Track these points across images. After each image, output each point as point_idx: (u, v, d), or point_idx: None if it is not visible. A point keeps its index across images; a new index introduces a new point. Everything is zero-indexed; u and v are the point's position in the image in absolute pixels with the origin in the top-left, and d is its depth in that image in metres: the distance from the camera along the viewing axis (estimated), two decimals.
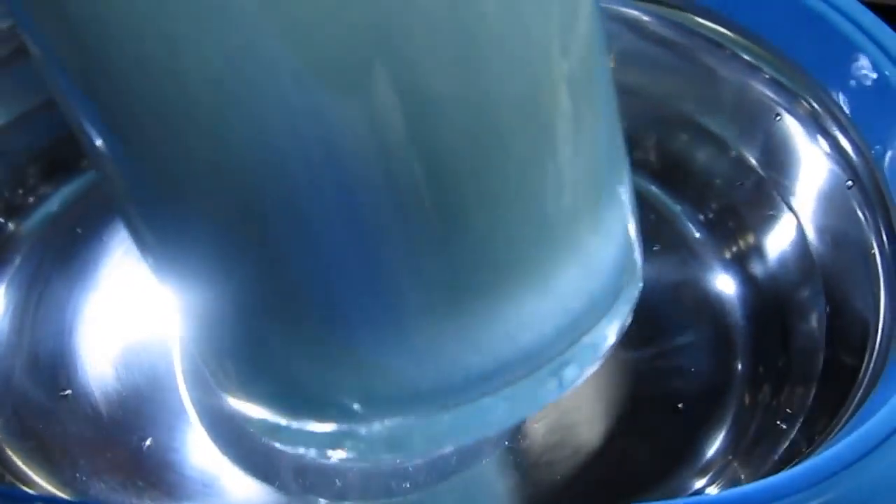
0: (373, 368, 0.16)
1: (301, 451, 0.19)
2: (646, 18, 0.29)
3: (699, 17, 0.28)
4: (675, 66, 0.29)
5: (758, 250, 0.29)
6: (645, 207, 0.31)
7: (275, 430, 0.19)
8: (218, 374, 0.20)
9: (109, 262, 0.31)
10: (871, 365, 0.22)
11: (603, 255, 0.18)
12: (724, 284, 0.29)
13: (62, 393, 0.28)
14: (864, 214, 0.24)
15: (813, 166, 0.27)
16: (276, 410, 0.19)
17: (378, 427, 0.17)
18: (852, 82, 0.25)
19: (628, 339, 0.28)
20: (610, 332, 0.19)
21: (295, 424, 0.18)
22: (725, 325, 0.28)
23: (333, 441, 0.18)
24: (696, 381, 0.27)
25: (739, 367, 0.27)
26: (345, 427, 0.18)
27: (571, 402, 0.27)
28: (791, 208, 0.28)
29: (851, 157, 0.25)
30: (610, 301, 0.19)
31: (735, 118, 0.29)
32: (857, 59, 0.24)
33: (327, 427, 0.18)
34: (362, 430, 0.17)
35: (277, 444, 0.20)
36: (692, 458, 0.25)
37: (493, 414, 0.17)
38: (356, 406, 0.17)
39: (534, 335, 0.17)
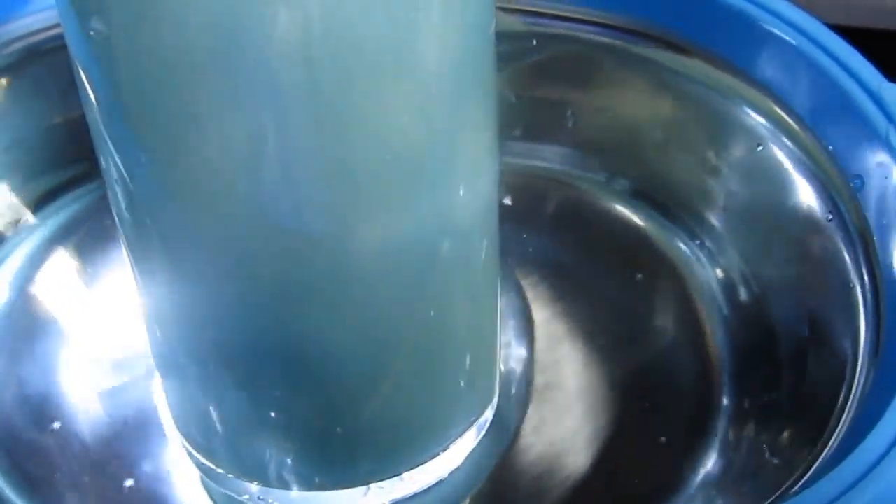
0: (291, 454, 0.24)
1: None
2: (637, 52, 0.29)
3: (683, 52, 0.28)
4: (664, 96, 0.30)
5: (743, 280, 0.29)
6: (628, 234, 0.32)
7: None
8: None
9: (100, 293, 0.31)
10: (852, 397, 0.22)
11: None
12: (709, 313, 0.30)
13: (51, 426, 0.28)
14: (844, 247, 0.24)
15: (794, 197, 0.27)
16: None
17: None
18: (831, 115, 0.25)
19: (611, 370, 0.29)
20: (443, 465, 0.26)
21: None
22: (709, 355, 0.29)
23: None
24: (680, 414, 0.28)
25: (724, 399, 0.27)
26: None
27: (553, 435, 0.27)
28: (774, 238, 0.28)
29: (831, 190, 0.25)
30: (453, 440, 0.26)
31: (719, 147, 0.29)
32: (836, 93, 0.25)
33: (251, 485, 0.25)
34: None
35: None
36: (677, 493, 0.25)
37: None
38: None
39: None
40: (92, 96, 0.19)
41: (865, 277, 0.23)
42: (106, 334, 0.30)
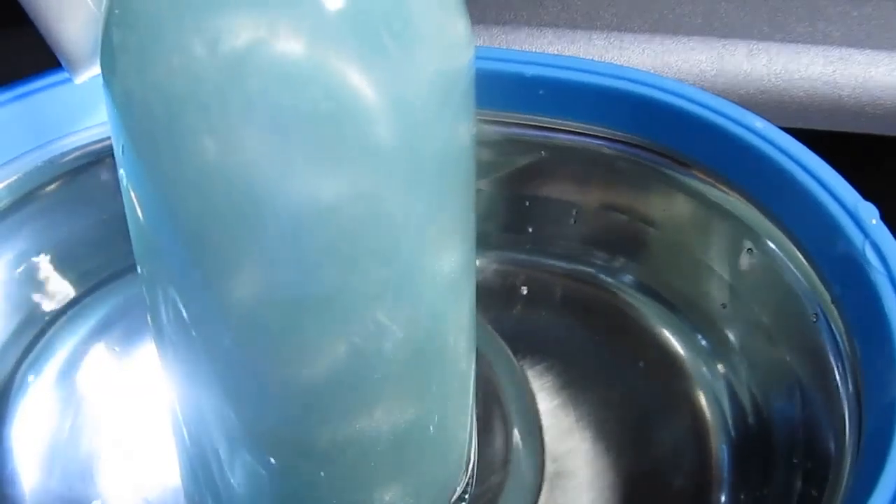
0: None
1: None
2: (638, 161, 0.31)
3: (682, 164, 0.31)
4: (665, 200, 0.32)
5: (740, 373, 0.31)
6: (632, 326, 0.34)
7: None
8: None
9: (138, 382, 0.34)
10: (839, 494, 0.24)
11: None
12: (706, 407, 0.31)
13: None
14: (830, 350, 0.26)
15: (781, 298, 0.29)
16: None
17: None
18: (813, 229, 0.27)
19: (610, 456, 0.30)
20: None
21: None
22: (706, 449, 0.30)
23: None
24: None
25: (722, 496, 0.29)
26: None
27: None
28: (767, 336, 0.30)
29: (816, 295, 0.27)
30: None
31: (714, 248, 0.32)
32: (818, 209, 0.27)
33: None
34: None
35: None
36: None
37: None
38: None
39: None
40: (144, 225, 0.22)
41: (848, 379, 0.25)
42: (141, 422, 0.33)
